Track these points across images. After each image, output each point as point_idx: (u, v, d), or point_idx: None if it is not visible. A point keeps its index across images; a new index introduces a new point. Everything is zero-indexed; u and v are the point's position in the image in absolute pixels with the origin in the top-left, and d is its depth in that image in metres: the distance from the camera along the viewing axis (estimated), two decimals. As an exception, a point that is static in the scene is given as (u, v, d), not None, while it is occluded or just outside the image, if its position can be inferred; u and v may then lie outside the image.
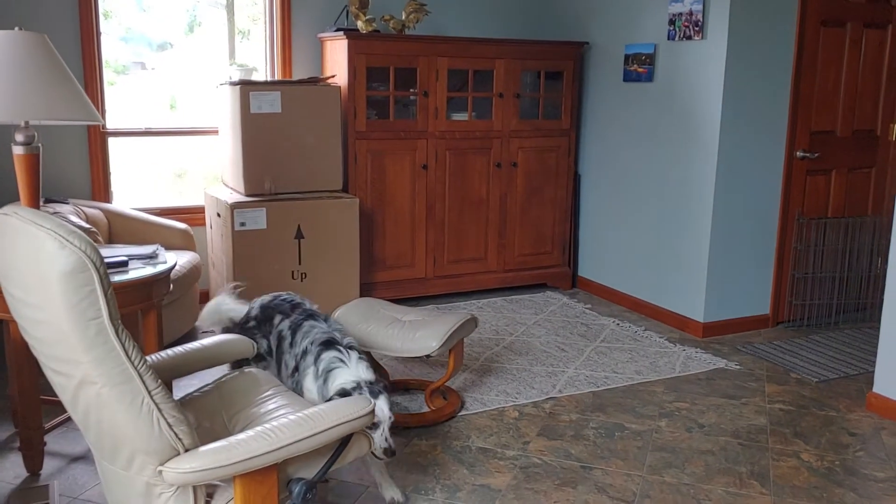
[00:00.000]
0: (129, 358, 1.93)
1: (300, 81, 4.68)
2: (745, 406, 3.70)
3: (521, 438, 3.32)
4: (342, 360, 2.73)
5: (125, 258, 3.17)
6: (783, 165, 4.67)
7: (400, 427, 3.37)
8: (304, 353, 2.82)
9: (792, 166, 4.69)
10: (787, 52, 4.53)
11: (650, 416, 3.58)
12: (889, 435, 3.44)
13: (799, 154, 4.68)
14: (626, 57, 5.08)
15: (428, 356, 3.36)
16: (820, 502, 2.87)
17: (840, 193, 4.90)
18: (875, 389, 3.70)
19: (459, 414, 3.53)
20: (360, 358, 2.75)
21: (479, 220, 5.31)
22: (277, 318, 3.00)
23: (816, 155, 4.72)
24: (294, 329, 2.91)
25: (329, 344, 2.78)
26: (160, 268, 3.21)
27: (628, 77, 5.09)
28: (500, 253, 5.42)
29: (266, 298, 3.16)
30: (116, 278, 3.02)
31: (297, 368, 2.84)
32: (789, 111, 4.60)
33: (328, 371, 2.72)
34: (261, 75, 5.14)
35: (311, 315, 2.95)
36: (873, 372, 3.73)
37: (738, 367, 4.19)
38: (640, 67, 4.98)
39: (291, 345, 2.89)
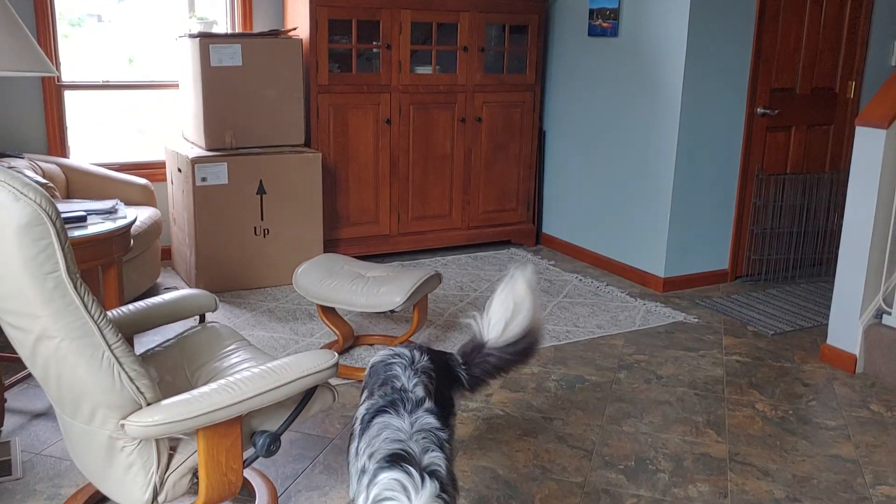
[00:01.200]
0: (89, 312, 1.92)
1: (261, 34, 4.60)
2: (702, 358, 3.79)
3: (485, 391, 3.36)
4: (405, 494, 1.68)
5: (83, 213, 3.12)
6: (744, 122, 4.71)
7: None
8: (362, 471, 1.83)
9: (752, 123, 4.74)
10: (750, 10, 4.55)
11: (610, 368, 3.64)
12: (841, 385, 3.55)
13: (759, 111, 4.73)
14: (591, 11, 5.06)
15: (392, 311, 3.37)
16: (773, 450, 2.96)
17: (799, 150, 4.98)
18: (828, 341, 3.80)
19: (423, 368, 3.56)
20: (437, 497, 1.68)
21: (443, 177, 5.30)
22: (363, 395, 2.22)
23: (776, 112, 4.77)
24: (365, 425, 1.98)
25: (395, 461, 1.76)
26: (120, 223, 3.17)
27: (593, 32, 5.07)
28: (465, 210, 5.43)
29: (382, 354, 2.33)
30: (75, 233, 2.98)
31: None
32: (751, 68, 4.64)
33: None
34: (221, 28, 5.03)
35: (394, 403, 1.99)
36: (827, 325, 3.83)
37: (696, 320, 4.28)
38: (604, 22, 4.96)
39: (357, 452, 1.96)
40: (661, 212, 4.70)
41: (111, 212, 3.25)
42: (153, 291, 4.42)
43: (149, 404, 2.02)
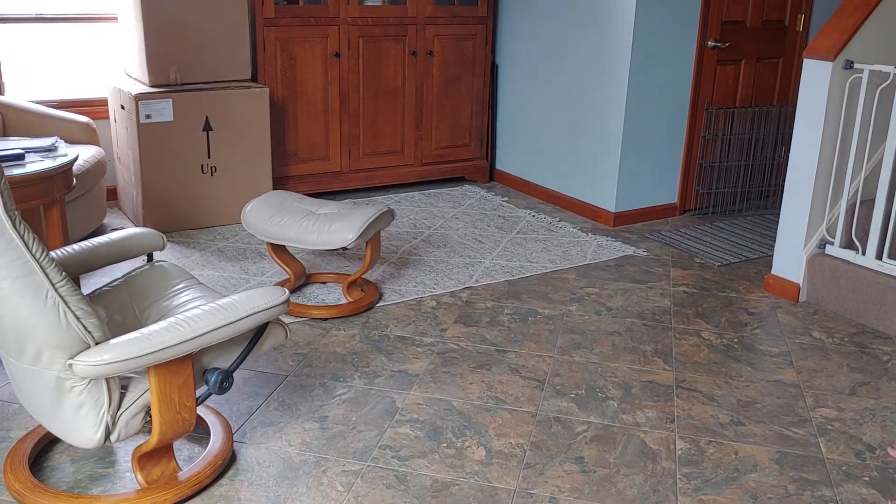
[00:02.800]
0: (30, 250, 1.87)
1: (203, -37, 4.43)
2: (650, 290, 3.86)
3: (439, 326, 3.39)
4: None
5: (21, 151, 3.02)
6: (695, 55, 4.72)
7: (318, 319, 3.40)
8: None
9: (703, 56, 4.75)
10: (702, -61, 4.52)
11: (562, 301, 3.69)
12: (784, 313, 3.65)
13: (710, 44, 4.73)
14: (543, -58, 4.97)
15: (344, 248, 3.36)
16: (718, 376, 3.05)
17: (748, 83, 5.01)
18: (773, 271, 3.89)
19: (377, 305, 3.57)
20: None
21: (395, 112, 5.23)
22: None
23: (727, 45, 4.79)
24: None
25: None
26: (60, 161, 3.07)
27: (545, -37, 4.99)
28: (418, 146, 5.38)
29: None
30: (13, 172, 2.88)
31: None
32: (702, 0, 4.62)
33: None
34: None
35: None
36: (772, 255, 3.92)
37: (645, 253, 4.34)
38: (556, -47, 4.88)
39: None
40: (611, 147, 4.71)
41: (51, 150, 3.15)
42: (100, 232, 4.32)
43: (97, 343, 1.99)
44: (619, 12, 4.53)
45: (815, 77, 3.59)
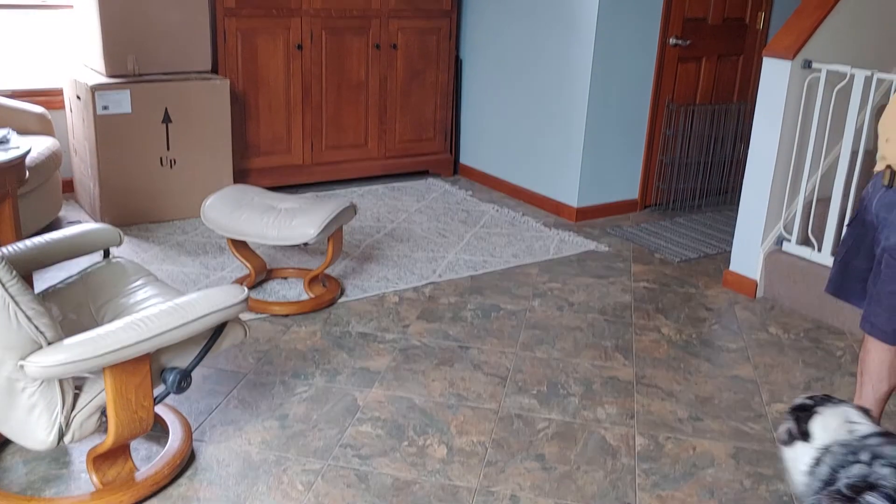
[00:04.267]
0: (-21, 249, 1.82)
1: (162, -48, 4.35)
2: (612, 285, 3.89)
3: (401, 322, 3.38)
4: None
5: (-28, 143, 2.94)
6: (656, 52, 4.75)
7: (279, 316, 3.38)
8: None
9: (665, 53, 4.78)
10: (664, -63, 4.55)
11: (524, 296, 3.71)
12: (742, 309, 3.70)
13: (672, 41, 4.77)
14: (507, -64, 4.97)
15: (305, 244, 3.33)
16: (677, 372, 3.08)
17: (709, 80, 5.06)
18: (731, 268, 3.95)
19: (339, 301, 3.55)
20: None
21: (358, 105, 5.19)
22: None
23: (688, 42, 4.83)
24: None
25: None
26: (13, 154, 3.00)
27: (509, -42, 4.99)
28: (381, 139, 5.35)
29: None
30: (-37, 165, 2.81)
31: None
32: (664, -3, 4.66)
33: None
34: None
35: None
36: (731, 251, 3.97)
37: (607, 248, 4.37)
38: (520, -52, 4.88)
39: None
40: (574, 143, 4.73)
41: (2, 141, 3.07)
42: (55, 225, 4.23)
43: (50, 343, 1.95)
44: (583, 8, 4.54)
45: (774, 76, 3.64)
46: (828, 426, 1.91)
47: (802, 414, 1.97)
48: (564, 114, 4.78)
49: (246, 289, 2.22)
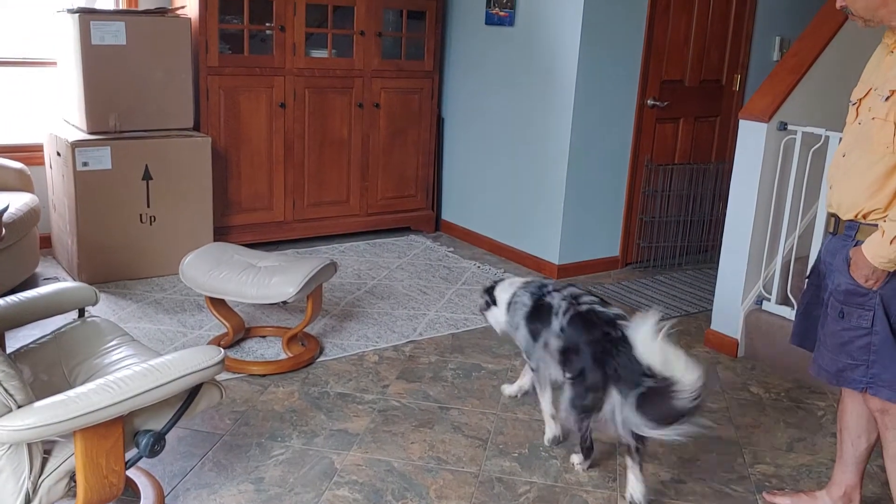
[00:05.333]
0: (-51, 310, 1.78)
1: (147, 12, 4.40)
2: (594, 344, 3.87)
3: (381, 382, 3.34)
4: None
5: (-52, 200, 2.91)
6: (635, 113, 4.83)
7: (256, 375, 3.33)
8: None
9: (643, 114, 4.86)
10: (642, 2, 4.65)
11: (506, 355, 3.68)
12: (724, 369, 3.69)
13: (649, 102, 4.85)
14: (488, 0, 5.07)
15: (285, 302, 3.30)
16: (659, 433, 3.05)
17: (686, 141, 5.14)
18: (712, 327, 3.95)
19: (318, 360, 3.51)
20: None
21: (340, 162, 5.22)
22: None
23: (666, 103, 4.91)
24: None
25: None
26: (-11, 211, 2.96)
27: (490, 20, 5.09)
28: (363, 196, 5.36)
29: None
30: (-62, 222, 2.77)
31: None
32: (642, 60, 4.75)
33: None
34: (107, 3, 4.78)
35: None
36: (711, 310, 3.98)
37: (589, 307, 4.36)
38: (501, 11, 4.98)
39: None
40: (555, 200, 4.77)
41: (-20, 199, 3.04)
42: (32, 282, 4.18)
43: (20, 407, 1.90)
44: (562, 70, 4.62)
45: (751, 137, 3.70)
46: (504, 290, 2.96)
47: (489, 291, 3.03)
48: (545, 171, 4.82)
49: (222, 350, 2.18)
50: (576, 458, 2.77)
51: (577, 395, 2.56)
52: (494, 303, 2.97)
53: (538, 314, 2.76)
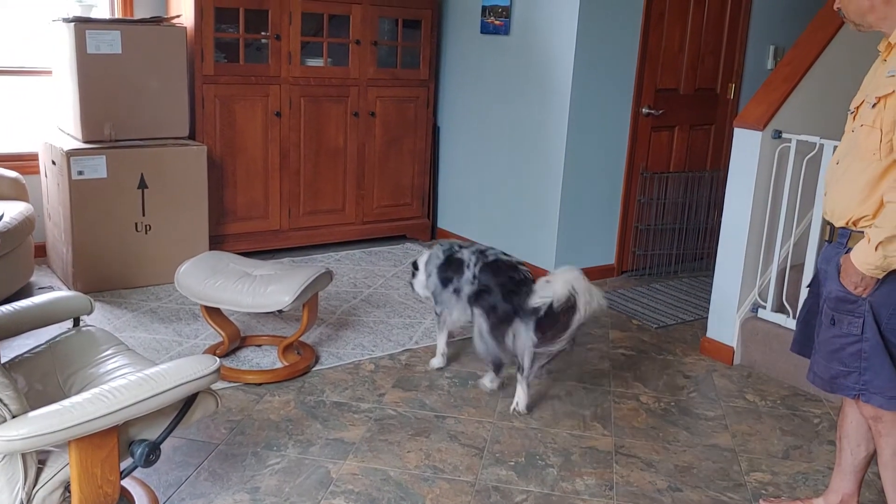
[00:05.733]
0: (-57, 320, 1.78)
1: (142, 21, 4.40)
2: (590, 352, 3.87)
3: (377, 391, 3.33)
4: None
5: (-58, 209, 2.90)
6: (630, 121, 4.84)
7: (252, 384, 3.32)
8: None
9: (638, 122, 4.87)
10: (637, 11, 4.67)
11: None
12: (720, 376, 3.69)
13: (644, 111, 4.87)
14: (484, 9, 5.08)
15: (280, 311, 3.29)
16: (656, 441, 3.05)
17: (682, 149, 5.15)
18: (708, 334, 3.95)
19: (314, 369, 3.50)
20: None
21: (336, 171, 5.22)
22: None
23: (661, 112, 4.93)
24: None
25: None
26: (-16, 220, 2.96)
27: (485, 29, 5.10)
28: (359, 204, 5.36)
29: None
30: (-68, 231, 2.77)
31: None
32: (637, 68, 4.76)
33: None
34: (101, 13, 4.78)
35: None
36: (707, 318, 3.98)
37: (585, 315, 4.36)
38: (496, 20, 5.00)
39: None
40: (551, 208, 4.77)
41: (-25, 208, 3.03)
42: (26, 291, 4.17)
43: (14, 417, 1.89)
44: (557, 78, 4.64)
45: (746, 145, 3.71)
46: (423, 257, 3.52)
47: (414, 263, 3.59)
48: (541, 180, 4.83)
49: (218, 359, 2.18)
50: (487, 379, 3.38)
51: (492, 326, 3.15)
52: (417, 270, 3.56)
53: (449, 266, 3.37)
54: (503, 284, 3.17)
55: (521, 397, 3.19)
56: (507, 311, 3.12)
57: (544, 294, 3.02)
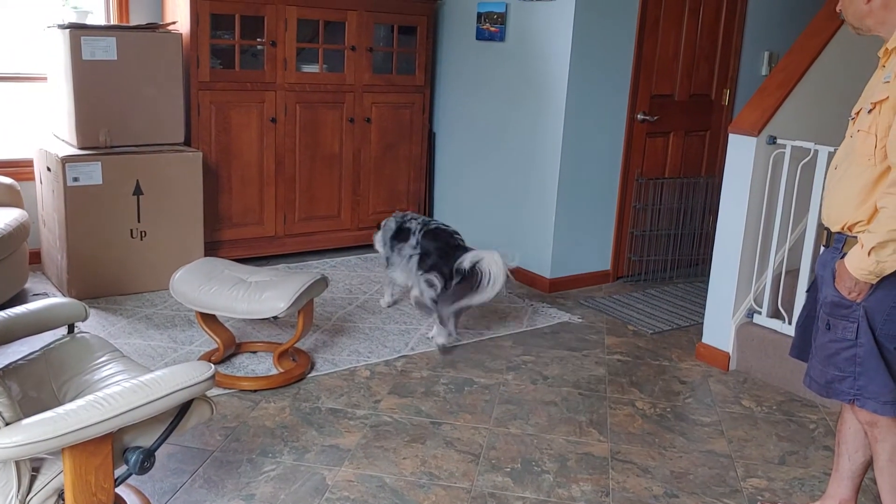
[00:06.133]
0: (-64, 327, 1.77)
1: (138, 27, 4.40)
2: (586, 358, 3.87)
3: (372, 397, 3.33)
4: None
5: (-64, 216, 2.89)
6: (625, 127, 4.85)
7: (247, 391, 3.31)
8: None
9: (633, 128, 4.88)
10: (632, 17, 4.68)
11: (498, 370, 3.67)
12: (715, 382, 3.70)
13: (639, 117, 4.88)
14: (479, 15, 5.09)
15: (275, 318, 3.29)
16: (652, 447, 3.05)
17: (676, 155, 5.16)
18: (704, 340, 3.95)
19: (309, 375, 3.49)
20: None
21: (331, 177, 5.22)
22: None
23: (656, 118, 4.94)
24: None
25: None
26: (-22, 226, 2.95)
27: (481, 35, 5.11)
28: (355, 210, 5.36)
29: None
30: (-74, 238, 2.76)
31: None
32: (632, 74, 4.77)
33: None
34: (97, 19, 4.78)
35: None
36: (702, 323, 3.98)
37: (580, 320, 4.37)
38: (492, 26, 5.01)
39: None
40: (546, 214, 4.78)
41: (-31, 214, 3.03)
42: (21, 297, 4.15)
43: (7, 424, 1.88)
44: (553, 85, 4.64)
45: (740, 151, 3.71)
46: (385, 222, 4.27)
47: (378, 224, 4.35)
48: (537, 186, 4.83)
49: (213, 366, 2.17)
50: (432, 333, 3.97)
51: (428, 283, 3.83)
52: (380, 229, 4.32)
53: (400, 233, 4.09)
54: (440, 248, 3.90)
55: (439, 333, 3.87)
56: (444, 270, 3.81)
57: (465, 262, 3.75)
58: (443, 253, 3.87)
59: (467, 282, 3.74)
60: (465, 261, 3.75)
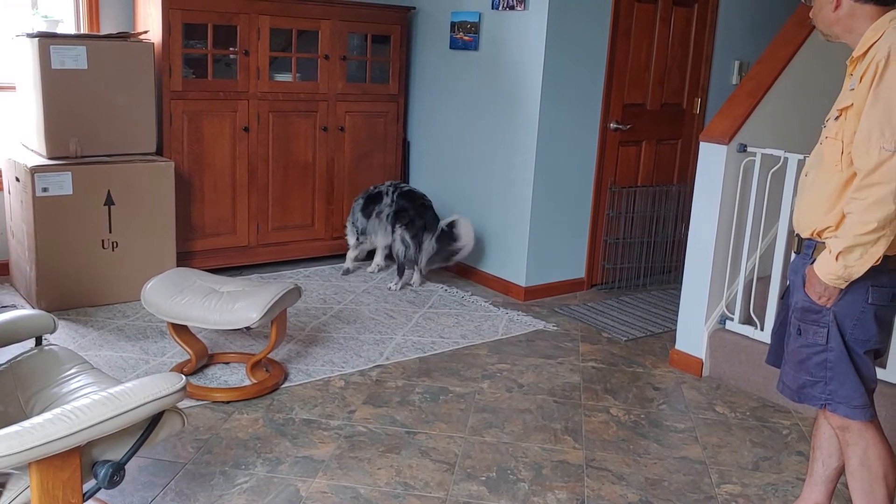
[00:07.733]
0: None
1: (108, 36, 4.36)
2: (560, 365, 3.88)
3: (347, 408, 3.31)
4: None
5: None
6: (598, 136, 4.88)
7: (220, 402, 3.27)
8: None
9: (606, 137, 4.91)
10: (604, 27, 4.72)
11: (473, 378, 3.67)
12: (689, 388, 3.72)
13: (612, 126, 4.91)
14: (453, 24, 5.11)
15: (248, 328, 3.26)
16: (627, 454, 3.06)
17: (649, 163, 5.20)
18: (677, 346, 3.98)
19: (283, 386, 3.46)
20: None
21: (305, 186, 5.20)
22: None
23: (628, 127, 4.97)
24: None
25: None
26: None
27: (454, 44, 5.12)
28: (328, 219, 5.34)
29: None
30: None
31: None
32: (604, 84, 4.81)
33: None
34: (67, 28, 4.73)
35: None
36: (676, 330, 4.01)
37: (555, 328, 4.38)
38: (465, 35, 5.02)
39: None
40: (521, 223, 4.79)
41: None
42: (-13, 310, 4.08)
43: (-28, 439, 1.84)
44: (526, 94, 4.66)
45: (711, 159, 3.75)
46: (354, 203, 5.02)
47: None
48: (511, 195, 4.84)
49: (184, 377, 2.14)
50: (392, 283, 4.87)
51: (412, 235, 4.72)
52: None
53: (371, 201, 4.91)
54: (416, 206, 4.78)
55: (416, 279, 4.88)
56: (419, 224, 4.71)
57: (443, 221, 4.79)
58: (418, 210, 4.73)
59: (446, 238, 4.73)
60: (444, 221, 4.72)
